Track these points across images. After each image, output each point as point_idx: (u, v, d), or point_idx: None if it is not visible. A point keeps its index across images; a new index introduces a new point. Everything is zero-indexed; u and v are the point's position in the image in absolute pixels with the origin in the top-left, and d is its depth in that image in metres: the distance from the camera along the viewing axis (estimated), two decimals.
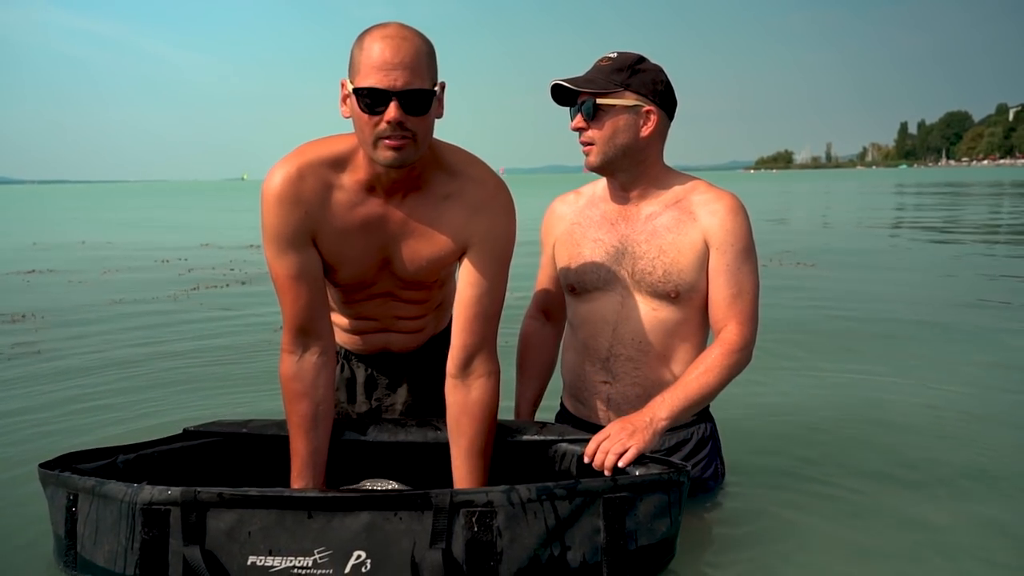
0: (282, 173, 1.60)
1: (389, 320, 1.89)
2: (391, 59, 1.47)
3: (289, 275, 1.65)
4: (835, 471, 2.35)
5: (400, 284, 1.78)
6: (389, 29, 1.51)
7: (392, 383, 2.04)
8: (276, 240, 1.63)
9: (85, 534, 1.52)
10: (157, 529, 1.42)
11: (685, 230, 1.88)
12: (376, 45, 1.48)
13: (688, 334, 1.94)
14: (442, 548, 1.38)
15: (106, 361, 4.26)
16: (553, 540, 1.43)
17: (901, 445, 2.58)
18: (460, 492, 1.41)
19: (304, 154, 1.63)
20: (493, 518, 1.40)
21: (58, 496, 1.57)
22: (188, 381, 3.79)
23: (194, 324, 5.43)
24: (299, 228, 1.62)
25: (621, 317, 1.94)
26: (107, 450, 1.73)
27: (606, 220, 1.98)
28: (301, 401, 1.69)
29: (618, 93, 1.86)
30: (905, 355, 3.91)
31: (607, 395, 1.98)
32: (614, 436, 1.71)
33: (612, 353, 1.95)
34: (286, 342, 1.71)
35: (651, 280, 1.89)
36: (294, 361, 1.70)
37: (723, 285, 1.88)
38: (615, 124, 1.87)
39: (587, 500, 1.46)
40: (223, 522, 1.41)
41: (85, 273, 8.30)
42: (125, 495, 1.44)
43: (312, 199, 1.61)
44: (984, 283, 6.44)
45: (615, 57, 1.90)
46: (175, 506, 1.42)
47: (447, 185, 1.66)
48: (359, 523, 1.40)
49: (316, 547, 1.40)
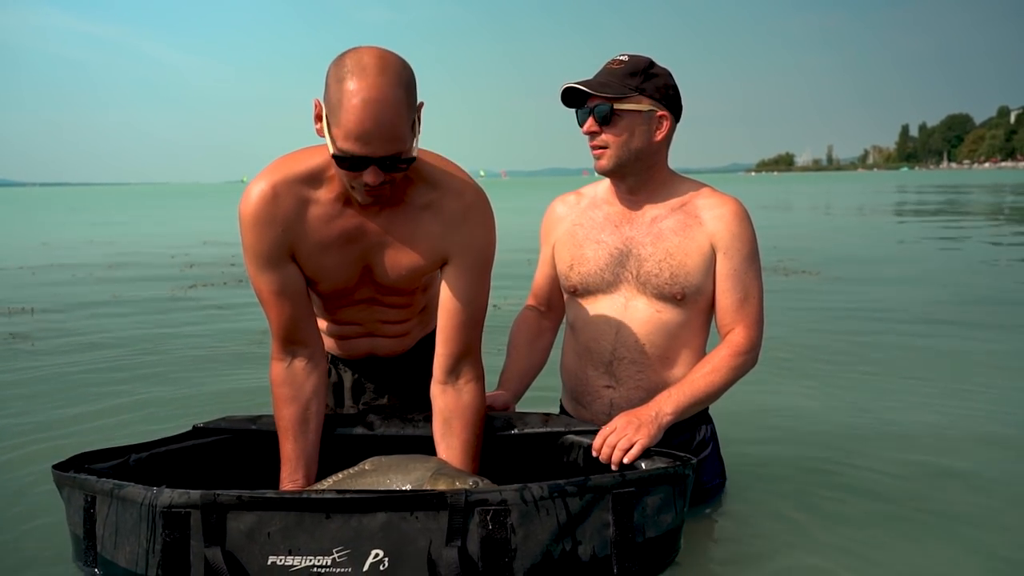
0: (257, 192, 1.61)
1: (373, 325, 1.91)
2: (370, 128, 1.43)
3: (271, 291, 1.67)
4: (835, 474, 2.38)
5: (382, 290, 1.79)
6: (367, 85, 1.42)
7: (379, 388, 2.06)
8: (256, 258, 1.65)
9: (105, 535, 1.55)
10: (178, 531, 1.45)
11: (691, 234, 1.90)
12: (354, 107, 1.42)
13: (690, 337, 1.97)
14: (458, 546, 1.42)
15: (108, 349, 4.37)
16: (565, 536, 1.47)
17: (901, 450, 2.60)
18: (475, 491, 1.45)
19: (278, 171, 1.62)
20: (507, 516, 1.44)
21: (75, 497, 1.60)
22: (193, 367, 3.95)
23: (196, 314, 5.58)
24: (277, 245, 1.63)
25: (625, 319, 1.95)
26: (119, 449, 1.76)
27: (609, 222, 1.99)
28: (290, 405, 1.73)
29: (634, 98, 1.86)
30: (906, 362, 3.90)
31: (610, 399, 1.99)
32: (620, 430, 1.75)
33: (615, 356, 1.97)
34: (275, 350, 1.74)
35: (658, 282, 1.91)
36: (283, 368, 1.74)
37: (730, 289, 1.91)
38: (630, 128, 1.88)
39: (597, 496, 1.50)
40: (243, 523, 1.44)
41: (92, 268, 8.50)
42: (145, 498, 1.47)
43: (288, 216, 1.61)
44: (988, 287, 6.38)
45: (627, 60, 1.90)
46: (195, 509, 1.45)
47: (426, 195, 1.66)
48: (376, 523, 1.44)
49: (335, 546, 1.43)
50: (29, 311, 5.74)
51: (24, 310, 5.78)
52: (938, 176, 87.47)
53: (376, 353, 1.98)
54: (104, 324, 5.25)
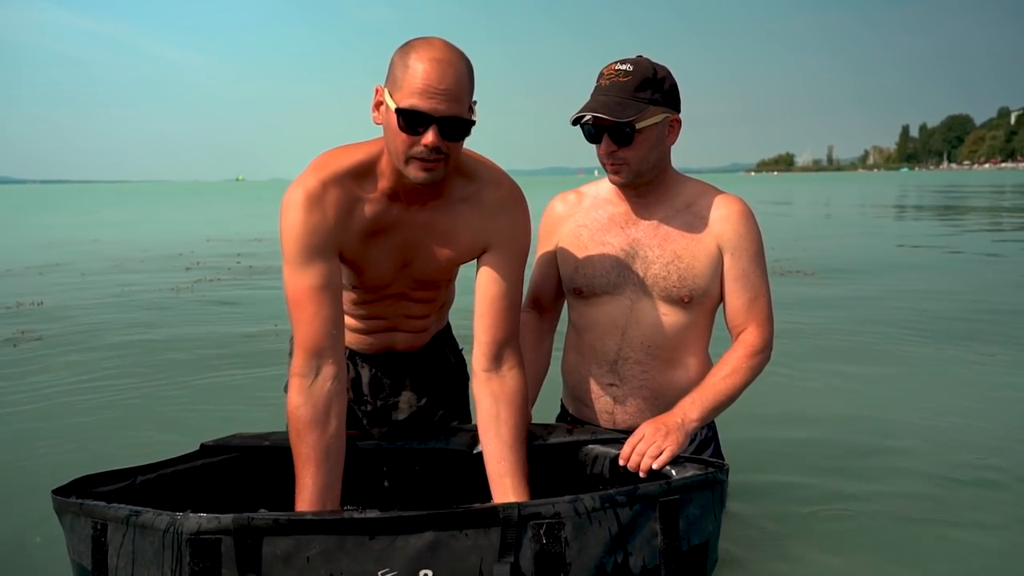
0: (305, 186, 1.59)
1: (398, 319, 1.89)
2: (436, 84, 1.48)
3: (311, 287, 1.60)
4: (835, 474, 2.42)
5: (415, 285, 1.79)
6: (435, 50, 1.50)
7: (396, 383, 2.02)
8: (300, 252, 1.59)
9: (119, 566, 1.43)
10: (208, 560, 1.34)
11: (698, 236, 1.89)
12: (422, 66, 1.49)
13: (695, 338, 1.96)
14: (511, 561, 1.36)
15: (117, 351, 4.46)
16: (617, 547, 1.43)
17: (900, 450, 2.65)
18: (527, 505, 1.40)
19: (325, 166, 1.62)
20: (561, 529, 1.39)
21: (80, 525, 1.48)
22: (201, 366, 4.06)
23: (199, 314, 5.65)
24: (324, 239, 1.60)
25: (631, 321, 1.93)
26: (124, 471, 1.64)
27: (614, 223, 1.96)
28: (312, 431, 1.57)
29: (649, 111, 1.82)
30: (907, 364, 3.97)
31: (614, 397, 1.97)
32: (649, 438, 1.73)
33: (620, 356, 1.95)
34: (297, 365, 1.60)
35: (665, 285, 1.89)
36: (305, 386, 1.59)
37: (740, 290, 1.91)
38: (648, 142, 1.84)
39: (646, 505, 1.47)
40: (279, 548, 1.35)
41: (99, 270, 8.42)
42: (169, 525, 1.36)
43: (336, 211, 1.60)
44: (990, 291, 6.48)
45: (631, 71, 1.82)
46: (227, 534, 1.35)
47: (464, 189, 1.71)
48: (423, 542, 1.37)
49: (380, 568, 1.36)
50: (38, 305, 5.76)
51: (33, 304, 5.82)
52: (939, 177, 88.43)
53: (395, 347, 1.96)
54: (112, 324, 5.25)
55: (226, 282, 7.32)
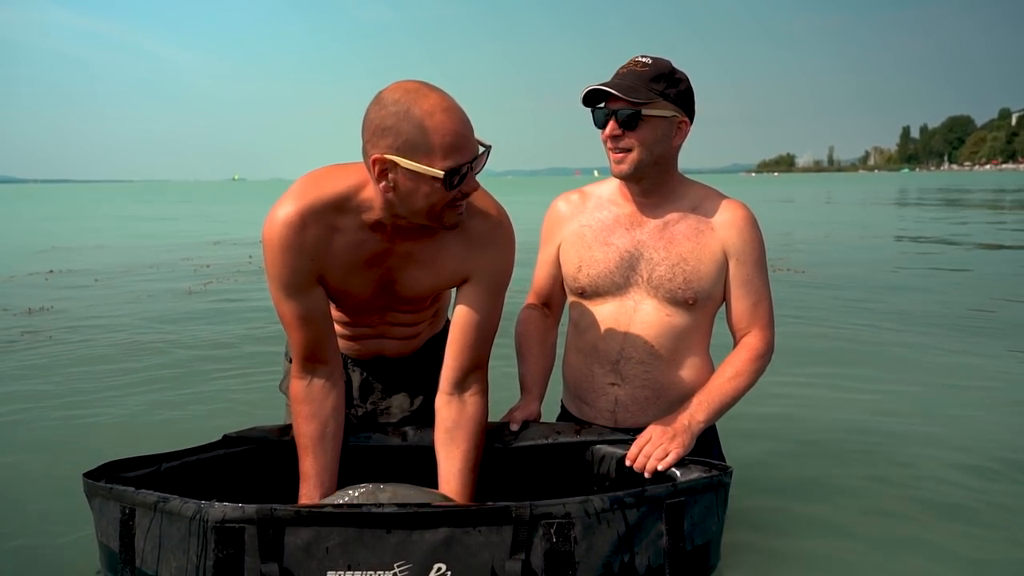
0: (283, 219, 1.59)
1: (385, 327, 1.91)
2: (463, 131, 1.48)
3: (296, 315, 1.67)
4: (836, 473, 2.46)
5: (400, 302, 1.81)
6: (435, 100, 1.46)
7: (387, 388, 2.05)
8: (281, 286, 1.64)
9: (145, 549, 1.49)
10: (232, 547, 1.40)
11: (704, 239, 1.93)
12: (443, 123, 1.45)
13: (697, 339, 2.00)
14: (522, 559, 1.42)
15: (123, 351, 4.45)
16: (624, 547, 1.49)
17: (900, 449, 2.68)
18: (539, 504, 1.45)
19: (305, 196, 1.60)
20: (571, 528, 1.44)
21: (109, 509, 1.54)
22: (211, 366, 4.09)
23: (209, 315, 5.70)
24: (303, 273, 1.63)
25: (634, 322, 1.96)
26: (150, 458, 1.70)
27: (619, 224, 1.99)
28: (310, 422, 1.73)
29: (659, 103, 1.86)
30: (906, 362, 4.00)
31: (615, 396, 2.00)
32: (655, 440, 1.78)
33: (622, 356, 1.98)
34: (295, 369, 1.74)
35: (671, 287, 1.93)
36: (304, 386, 1.74)
37: (744, 294, 1.95)
38: (654, 134, 1.88)
39: (653, 506, 1.52)
40: (300, 538, 1.41)
41: (107, 273, 8.42)
42: (195, 513, 1.42)
43: (316, 244, 1.61)
44: (992, 292, 6.49)
45: (651, 64, 1.89)
46: (251, 524, 1.41)
47: None
48: (438, 537, 1.42)
49: (396, 560, 1.41)
50: (47, 312, 5.75)
51: (43, 309, 5.83)
52: (940, 178, 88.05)
53: (385, 353, 1.98)
54: (128, 326, 5.29)
55: (241, 283, 7.33)
